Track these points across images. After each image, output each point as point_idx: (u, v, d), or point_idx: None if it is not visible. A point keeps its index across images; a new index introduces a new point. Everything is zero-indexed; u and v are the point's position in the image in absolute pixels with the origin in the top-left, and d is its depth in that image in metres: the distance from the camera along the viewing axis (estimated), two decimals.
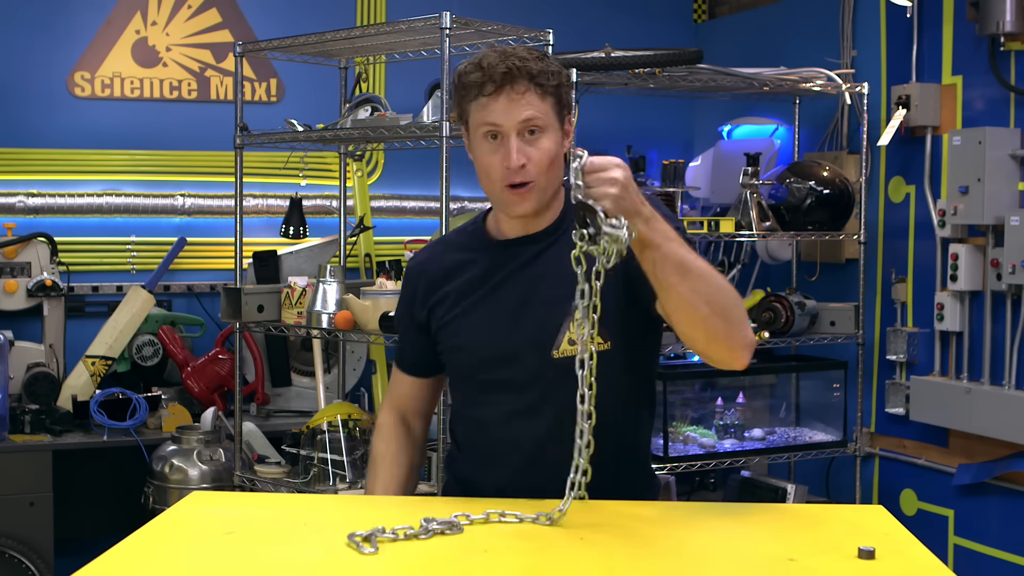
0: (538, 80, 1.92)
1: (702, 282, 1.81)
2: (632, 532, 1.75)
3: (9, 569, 3.83)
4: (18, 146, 4.45)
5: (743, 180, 4.05)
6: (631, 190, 1.74)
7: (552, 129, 1.94)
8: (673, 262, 1.79)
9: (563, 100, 1.97)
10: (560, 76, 1.95)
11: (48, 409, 4.08)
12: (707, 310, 1.81)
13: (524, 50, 1.95)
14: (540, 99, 1.92)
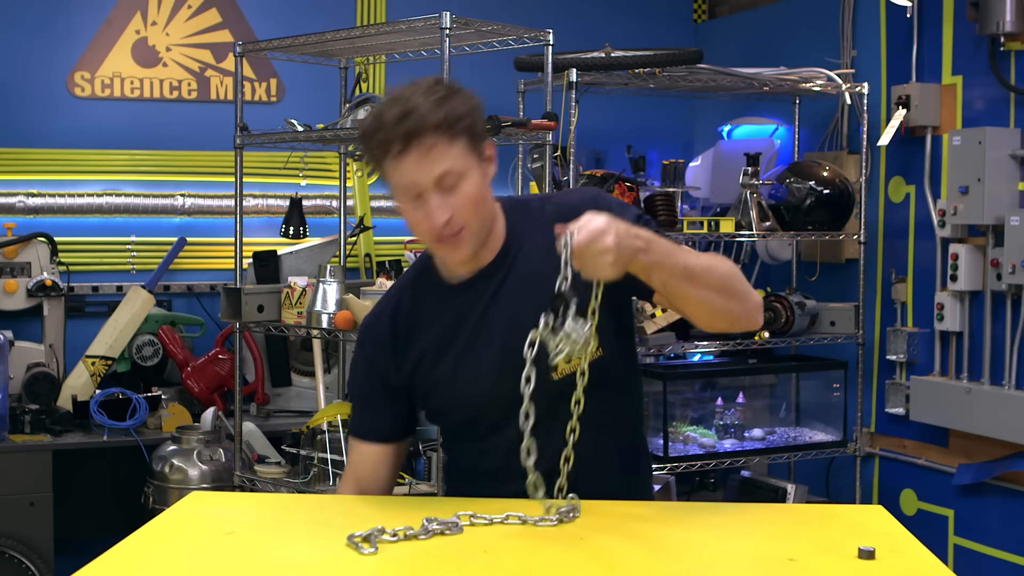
0: (442, 128, 1.80)
1: (708, 275, 1.83)
2: (632, 532, 1.75)
3: (9, 569, 3.83)
4: (18, 146, 4.45)
5: (743, 180, 4.05)
6: (624, 241, 1.70)
7: (471, 170, 1.84)
8: (679, 273, 1.80)
9: (476, 133, 1.85)
10: (466, 113, 1.82)
11: (48, 409, 4.08)
12: (720, 299, 1.85)
13: (423, 94, 1.82)
14: (449, 145, 1.81)
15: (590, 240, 1.69)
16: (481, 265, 1.95)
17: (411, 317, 2.00)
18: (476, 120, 1.85)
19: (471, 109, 1.84)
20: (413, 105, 1.80)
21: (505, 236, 1.97)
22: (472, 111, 1.85)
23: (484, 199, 1.88)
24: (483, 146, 1.88)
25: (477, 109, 1.86)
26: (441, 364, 1.98)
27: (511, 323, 1.91)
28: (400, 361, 2.01)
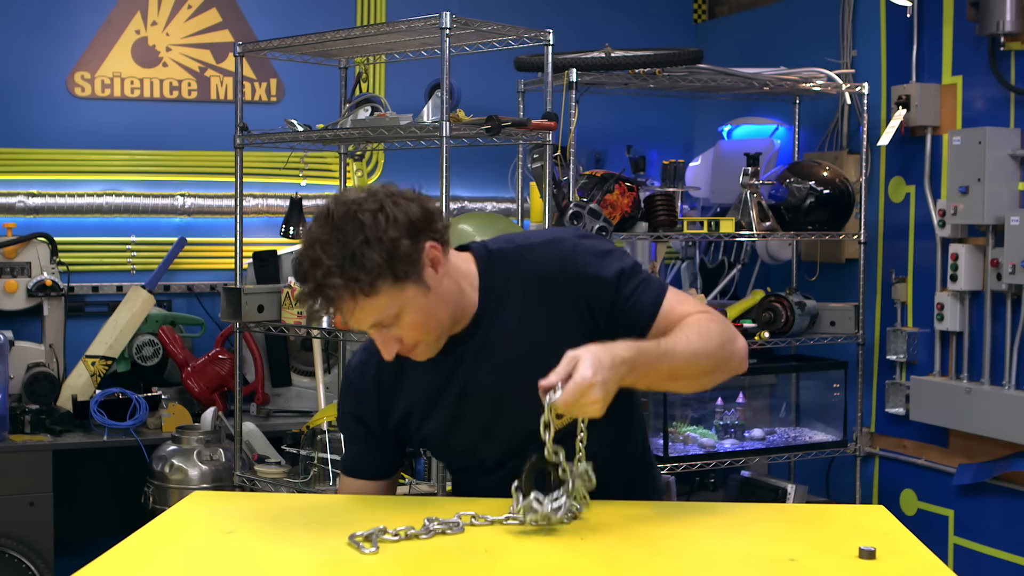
0: (359, 288, 1.74)
1: (692, 367, 1.83)
2: (632, 532, 1.75)
3: (9, 569, 3.83)
4: (18, 146, 4.45)
5: (743, 180, 4.05)
6: (610, 379, 1.69)
7: (407, 301, 1.78)
8: (664, 377, 1.81)
9: (398, 272, 1.75)
10: (377, 266, 1.73)
11: (48, 409, 4.08)
12: (706, 379, 1.88)
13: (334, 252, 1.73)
14: (371, 299, 1.75)
15: (576, 396, 1.67)
16: (456, 332, 1.92)
17: (396, 374, 1.98)
18: (394, 256, 1.75)
19: (389, 247, 1.74)
20: (321, 271, 1.73)
21: (479, 298, 1.92)
22: (390, 250, 1.74)
23: (433, 316, 1.83)
24: (417, 265, 1.78)
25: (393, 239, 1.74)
26: (431, 420, 1.97)
27: (497, 379, 1.91)
28: (385, 414, 2.01)
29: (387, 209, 1.76)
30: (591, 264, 1.89)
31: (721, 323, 1.88)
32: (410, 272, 1.77)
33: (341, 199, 1.79)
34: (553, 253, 1.91)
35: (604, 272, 1.88)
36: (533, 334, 1.88)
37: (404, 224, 1.76)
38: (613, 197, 3.75)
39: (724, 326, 1.88)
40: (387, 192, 1.80)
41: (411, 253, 1.77)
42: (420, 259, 1.78)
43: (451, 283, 1.87)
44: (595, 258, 1.90)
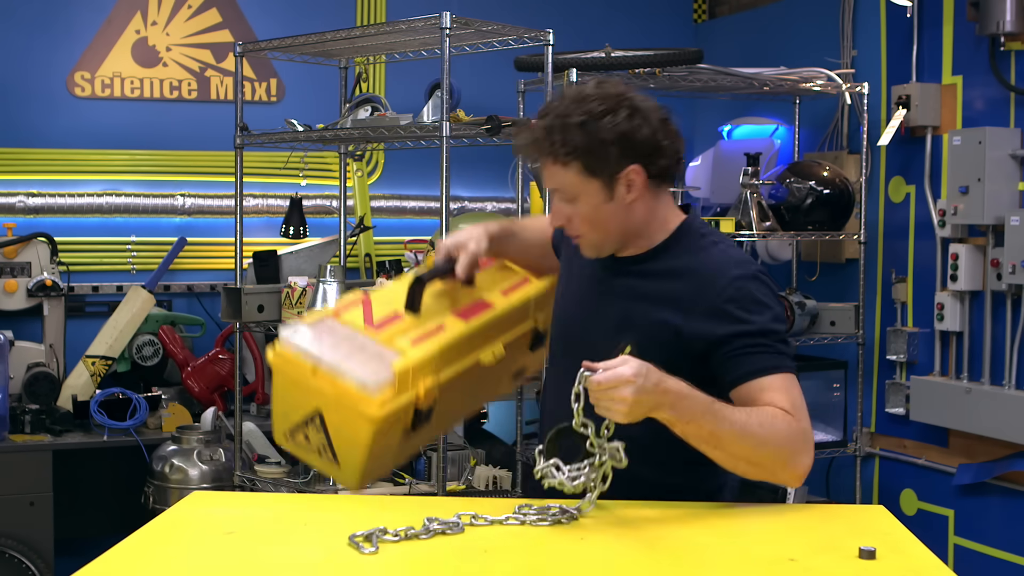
0: (551, 155, 1.92)
1: (738, 445, 1.81)
2: (632, 532, 1.75)
3: (9, 569, 3.83)
4: (18, 146, 4.45)
5: (743, 180, 4.05)
6: (645, 397, 1.71)
7: (585, 195, 1.93)
8: (703, 436, 1.80)
9: (593, 165, 1.90)
10: (578, 149, 1.89)
11: (48, 409, 4.08)
12: (744, 465, 1.85)
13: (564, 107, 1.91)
14: (562, 169, 1.92)
15: (608, 386, 1.70)
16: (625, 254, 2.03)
17: None
18: (604, 150, 1.89)
19: (601, 140, 1.88)
20: (545, 121, 1.92)
21: (652, 249, 2.01)
22: (603, 142, 1.88)
23: (602, 220, 1.95)
24: (614, 174, 1.91)
25: (616, 139, 1.88)
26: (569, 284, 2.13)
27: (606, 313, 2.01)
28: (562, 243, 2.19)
29: (619, 115, 1.90)
30: (733, 304, 1.90)
31: (799, 436, 1.85)
32: (600, 173, 1.91)
33: (603, 82, 1.95)
34: (721, 267, 1.96)
35: (737, 317, 1.90)
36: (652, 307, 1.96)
37: (622, 135, 1.89)
38: None
39: (797, 440, 1.84)
40: (637, 105, 1.92)
41: (610, 161, 1.90)
42: (617, 172, 1.91)
43: (641, 213, 1.98)
44: (743, 300, 1.91)
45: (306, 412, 1.87)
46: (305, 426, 1.89)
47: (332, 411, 1.84)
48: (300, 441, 1.92)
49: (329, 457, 1.89)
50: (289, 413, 1.92)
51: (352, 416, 1.80)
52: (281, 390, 1.93)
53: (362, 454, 1.83)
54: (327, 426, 1.85)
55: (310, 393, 1.84)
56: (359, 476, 1.90)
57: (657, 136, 1.92)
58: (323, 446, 1.88)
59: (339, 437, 1.85)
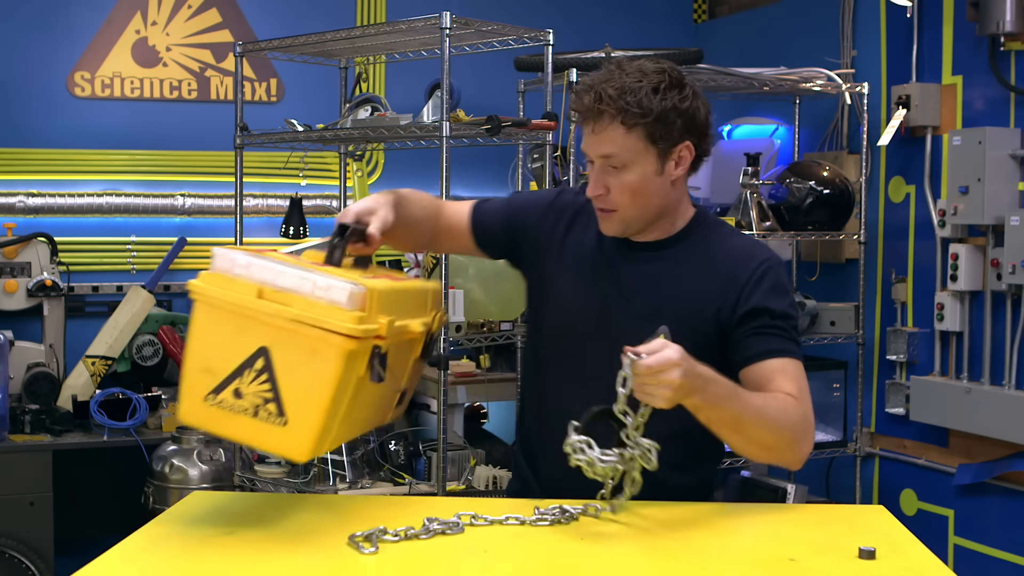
0: (620, 116, 1.90)
1: (756, 430, 1.85)
2: (631, 532, 1.75)
3: (9, 569, 3.83)
4: (18, 146, 4.45)
5: (743, 180, 4.05)
6: (688, 379, 1.70)
7: (641, 162, 1.93)
8: (727, 421, 1.82)
9: (657, 133, 1.92)
10: (657, 111, 1.90)
11: (48, 409, 4.08)
12: (756, 448, 1.89)
13: (626, 79, 1.91)
14: (624, 134, 1.91)
15: (659, 369, 1.69)
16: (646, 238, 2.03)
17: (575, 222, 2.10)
18: (667, 120, 1.91)
19: (667, 108, 1.90)
20: (614, 83, 1.90)
21: (675, 234, 2.04)
22: (668, 110, 1.90)
23: (646, 193, 1.95)
24: (672, 146, 1.94)
25: (679, 110, 1.91)
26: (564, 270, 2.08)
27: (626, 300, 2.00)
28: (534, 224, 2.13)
29: (687, 92, 1.94)
30: (762, 286, 1.96)
31: (805, 421, 1.92)
32: (661, 143, 1.93)
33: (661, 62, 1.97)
34: (746, 251, 2.02)
35: (762, 297, 1.95)
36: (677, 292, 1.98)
37: (688, 110, 1.93)
38: None
39: (805, 424, 1.92)
40: (696, 87, 1.98)
41: (674, 132, 1.93)
42: (676, 145, 1.94)
43: (675, 193, 2.01)
44: (769, 283, 1.97)
45: (242, 356, 1.58)
46: (238, 378, 1.59)
47: (284, 345, 1.57)
48: (226, 403, 1.60)
49: (271, 414, 1.59)
50: (213, 365, 1.60)
51: (315, 344, 1.55)
52: (205, 333, 1.62)
53: (324, 398, 1.56)
54: (274, 368, 1.57)
55: (251, 327, 1.57)
56: (315, 435, 1.59)
57: (709, 120, 1.99)
58: (263, 401, 1.59)
59: (291, 380, 1.57)
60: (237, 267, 1.60)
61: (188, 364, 1.63)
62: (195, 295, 1.61)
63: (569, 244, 2.09)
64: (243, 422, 1.60)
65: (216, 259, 1.61)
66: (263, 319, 1.57)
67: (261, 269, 1.59)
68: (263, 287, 1.58)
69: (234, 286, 1.59)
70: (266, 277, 1.58)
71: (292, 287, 1.57)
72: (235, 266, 1.60)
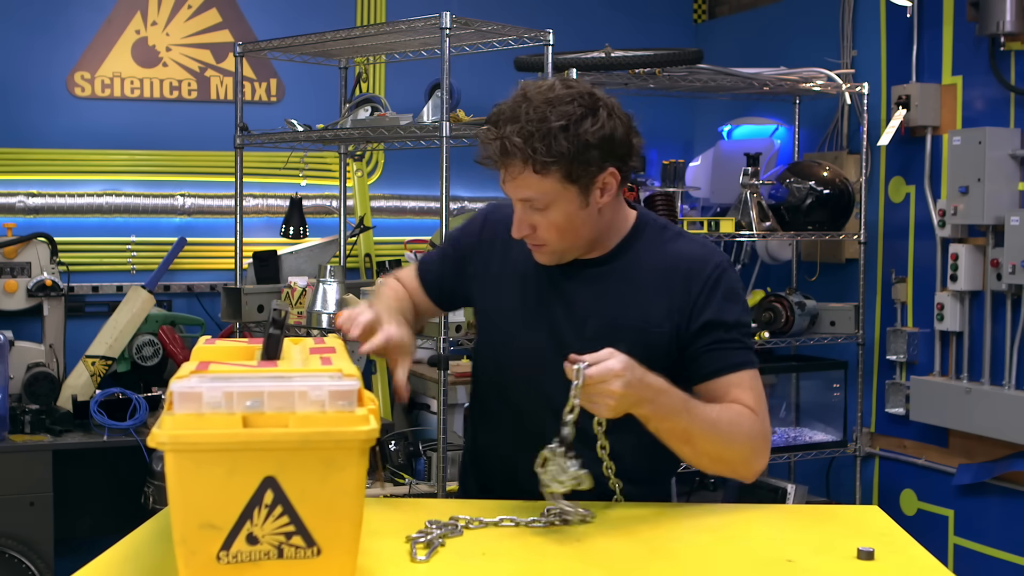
0: (531, 163, 1.80)
1: (708, 443, 1.82)
2: (631, 533, 1.75)
3: (9, 569, 3.83)
4: (18, 146, 4.45)
5: (743, 180, 4.05)
6: (631, 391, 1.69)
7: (560, 202, 1.85)
8: (677, 434, 1.80)
9: (573, 173, 1.82)
10: (562, 156, 1.79)
11: (48, 409, 4.08)
12: (707, 461, 1.86)
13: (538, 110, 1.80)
14: (539, 179, 1.82)
15: (600, 379, 1.68)
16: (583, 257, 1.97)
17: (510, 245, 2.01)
18: (582, 156, 1.81)
19: (581, 145, 1.80)
20: (520, 127, 1.79)
21: (617, 245, 1.98)
22: (582, 147, 1.80)
23: (573, 227, 1.88)
24: (592, 179, 1.85)
25: (595, 143, 1.81)
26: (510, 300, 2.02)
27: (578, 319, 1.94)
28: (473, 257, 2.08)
29: (600, 116, 1.83)
30: (715, 295, 1.91)
31: (760, 435, 1.88)
32: (581, 179, 1.84)
33: (569, 82, 1.86)
34: (696, 258, 1.95)
35: (717, 308, 1.90)
36: (628, 308, 1.93)
37: (604, 138, 1.83)
38: None
39: (759, 440, 1.88)
40: (609, 103, 1.86)
41: (592, 165, 1.83)
42: (597, 176, 1.85)
43: (608, 215, 1.93)
44: (721, 291, 1.92)
45: (246, 495, 1.36)
46: (248, 521, 1.37)
47: (293, 467, 1.36)
48: (243, 556, 1.38)
49: (299, 548, 1.38)
50: (213, 517, 1.37)
51: (330, 456, 1.37)
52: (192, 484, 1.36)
53: (355, 508, 1.40)
54: (288, 496, 1.37)
55: (247, 460, 1.36)
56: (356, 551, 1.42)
57: (630, 136, 1.88)
58: (286, 537, 1.38)
59: (312, 503, 1.37)
60: (205, 404, 1.37)
61: (181, 525, 1.38)
62: (167, 446, 1.35)
63: (508, 272, 2.03)
64: (269, 569, 1.38)
65: (176, 400, 1.36)
66: (255, 449, 1.36)
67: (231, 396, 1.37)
68: (246, 415, 1.36)
69: (211, 422, 1.36)
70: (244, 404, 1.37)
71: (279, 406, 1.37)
72: (202, 404, 1.37)
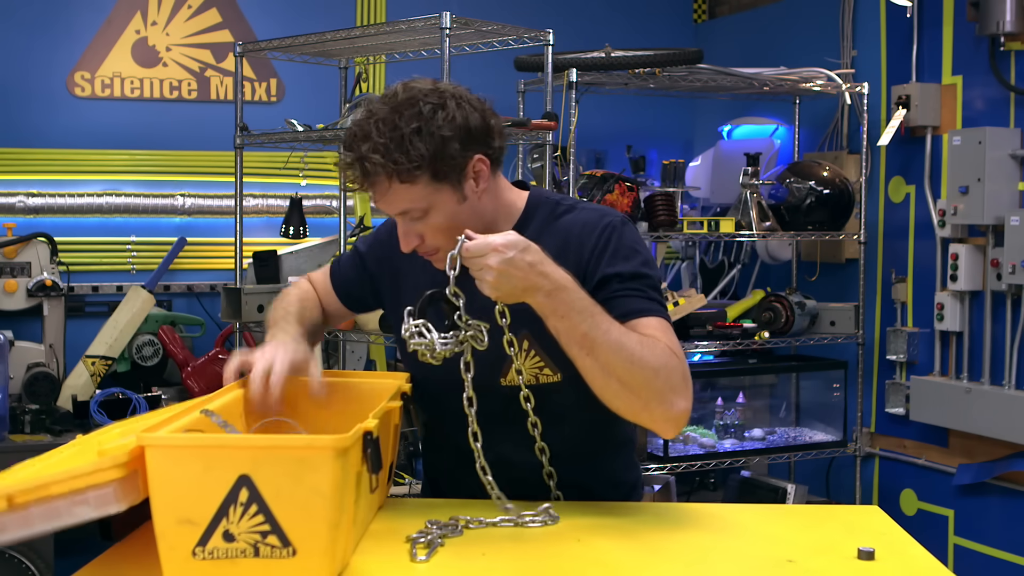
0: (396, 172, 1.75)
1: (612, 357, 1.70)
2: (630, 533, 1.75)
3: (9, 569, 3.83)
4: (18, 146, 4.45)
5: (743, 180, 4.05)
6: (514, 269, 1.65)
7: (437, 205, 1.79)
8: (576, 336, 1.70)
9: (440, 171, 1.77)
10: (423, 158, 1.74)
11: (48, 409, 4.07)
12: (617, 385, 1.72)
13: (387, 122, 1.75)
14: (408, 188, 1.77)
15: (477, 252, 1.66)
16: None
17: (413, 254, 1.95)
18: (443, 153, 1.76)
19: (438, 143, 1.75)
20: (372, 143, 1.74)
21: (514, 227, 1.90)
22: (439, 145, 1.75)
23: (459, 223, 1.80)
24: (461, 172, 1.80)
25: (452, 137, 1.76)
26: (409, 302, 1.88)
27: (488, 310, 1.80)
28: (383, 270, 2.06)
29: (449, 108, 1.78)
30: (605, 254, 1.85)
31: (677, 372, 1.75)
32: (450, 175, 1.79)
33: (411, 84, 1.84)
34: (587, 223, 1.90)
35: (608, 264, 1.84)
36: None
37: (460, 127, 1.78)
38: (613, 197, 3.75)
39: (675, 374, 1.74)
40: (456, 92, 1.82)
41: (457, 158, 1.78)
42: (465, 167, 1.80)
43: (489, 203, 1.88)
44: (612, 248, 1.85)
45: (222, 492, 1.39)
46: (224, 519, 1.40)
47: (267, 466, 1.39)
48: (219, 552, 1.40)
49: (275, 547, 1.40)
50: (190, 513, 1.40)
51: (302, 455, 1.40)
52: (169, 479, 1.40)
53: (329, 511, 1.40)
54: (263, 495, 1.39)
55: (223, 457, 1.39)
56: (331, 553, 1.43)
57: (487, 118, 1.83)
58: (261, 536, 1.40)
59: (286, 503, 1.39)
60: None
61: (160, 521, 1.41)
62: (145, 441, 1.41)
63: (412, 277, 1.98)
64: (245, 567, 1.40)
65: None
66: (231, 449, 1.41)
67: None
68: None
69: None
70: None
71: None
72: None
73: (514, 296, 1.69)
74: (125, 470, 1.38)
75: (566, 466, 1.93)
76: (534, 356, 1.88)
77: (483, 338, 1.75)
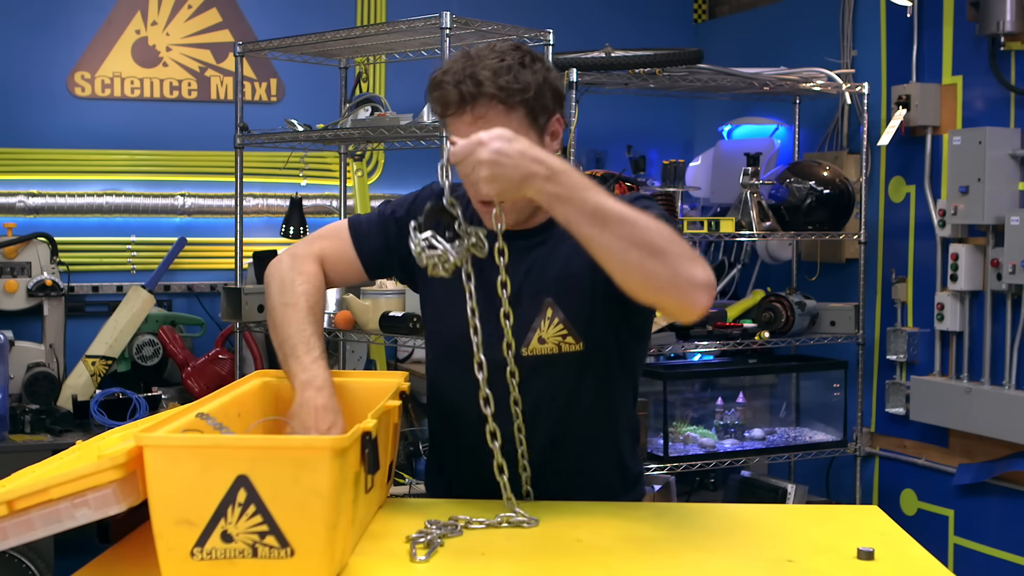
0: (498, 98, 1.78)
1: (627, 226, 1.63)
2: (630, 533, 1.75)
3: (9, 569, 3.83)
4: (18, 146, 4.45)
5: (743, 180, 4.05)
6: (506, 158, 1.60)
7: None
8: (587, 212, 1.62)
9: (536, 109, 1.82)
10: (530, 85, 1.80)
11: (48, 409, 4.08)
12: (637, 254, 1.62)
13: (493, 58, 1.79)
14: (504, 116, 1.78)
15: (467, 152, 1.61)
16: (519, 227, 1.92)
17: None
18: (542, 93, 1.82)
19: (540, 81, 1.82)
20: (477, 68, 1.79)
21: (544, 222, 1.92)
22: (541, 84, 1.82)
23: None
24: (547, 120, 1.85)
25: (548, 82, 1.83)
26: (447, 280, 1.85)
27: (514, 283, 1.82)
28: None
29: (547, 63, 1.86)
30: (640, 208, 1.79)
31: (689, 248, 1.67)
32: (540, 118, 1.83)
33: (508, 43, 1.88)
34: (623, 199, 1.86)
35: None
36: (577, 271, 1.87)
37: (555, 79, 1.85)
38: None
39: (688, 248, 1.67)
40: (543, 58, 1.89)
41: (549, 106, 1.84)
42: (552, 118, 1.86)
43: None
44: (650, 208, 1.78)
45: (220, 492, 1.39)
46: (222, 519, 1.40)
47: (265, 466, 1.39)
48: (217, 552, 1.40)
49: (273, 548, 1.40)
50: (188, 513, 1.40)
51: (300, 455, 1.41)
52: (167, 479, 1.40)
53: (327, 511, 1.41)
54: (260, 496, 1.39)
55: (221, 457, 1.40)
56: (330, 554, 1.43)
57: (563, 86, 1.90)
58: (259, 536, 1.40)
59: (284, 503, 1.40)
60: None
61: (159, 521, 1.41)
62: (143, 441, 1.41)
63: None
64: (243, 567, 1.41)
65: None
66: (229, 450, 1.42)
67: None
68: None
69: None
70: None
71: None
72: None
73: (512, 189, 1.63)
74: (124, 471, 1.39)
75: (578, 443, 1.94)
76: (557, 324, 1.90)
77: (484, 245, 1.73)
